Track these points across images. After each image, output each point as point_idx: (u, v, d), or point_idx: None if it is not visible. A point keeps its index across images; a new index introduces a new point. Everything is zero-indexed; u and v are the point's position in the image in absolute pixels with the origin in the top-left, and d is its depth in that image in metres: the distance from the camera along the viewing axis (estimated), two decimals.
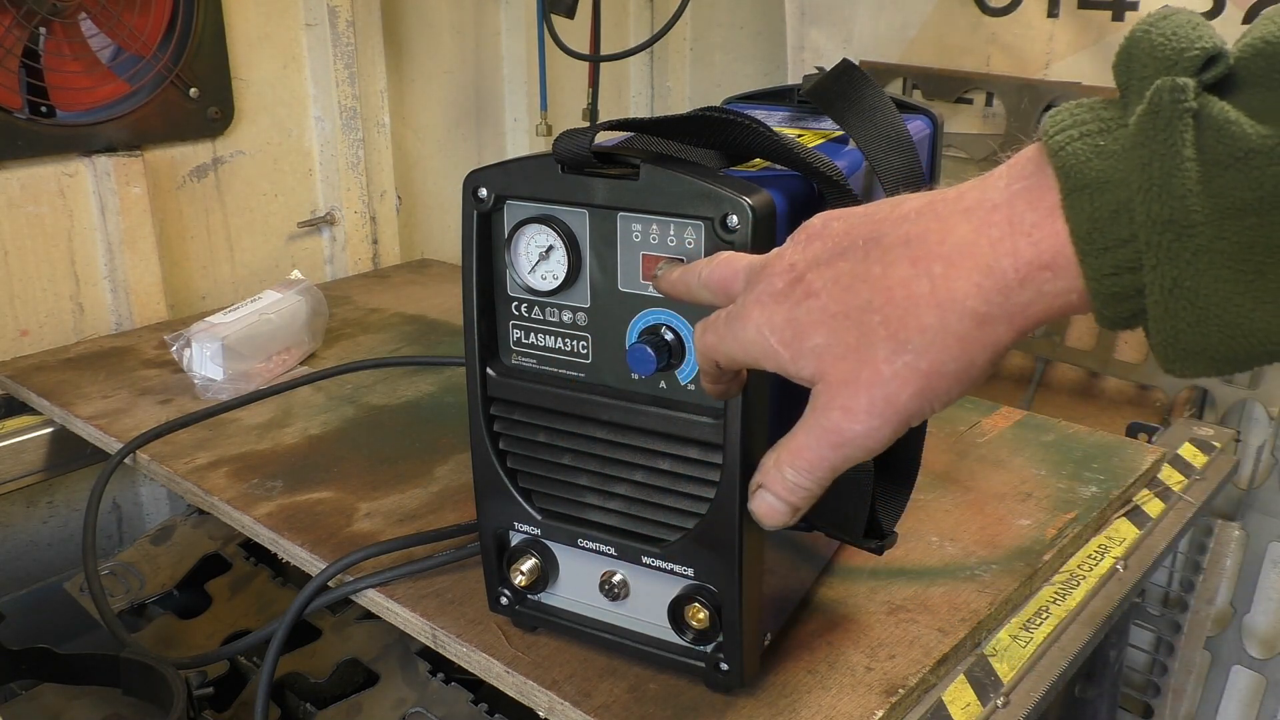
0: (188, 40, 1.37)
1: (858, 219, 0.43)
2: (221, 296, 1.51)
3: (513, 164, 0.61)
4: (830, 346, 0.41)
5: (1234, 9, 1.39)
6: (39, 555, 1.39)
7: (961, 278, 0.37)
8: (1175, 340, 0.34)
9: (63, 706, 0.96)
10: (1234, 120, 0.32)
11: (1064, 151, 0.35)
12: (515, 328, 0.64)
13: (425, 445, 1.02)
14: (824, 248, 0.43)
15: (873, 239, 0.41)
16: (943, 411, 1.10)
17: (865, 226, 0.42)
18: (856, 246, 0.41)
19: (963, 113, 1.66)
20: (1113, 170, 0.34)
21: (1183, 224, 0.32)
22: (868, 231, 0.41)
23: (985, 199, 0.38)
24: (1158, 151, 0.33)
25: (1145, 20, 0.37)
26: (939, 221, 0.38)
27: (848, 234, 0.42)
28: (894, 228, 0.40)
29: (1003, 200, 0.37)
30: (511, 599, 0.70)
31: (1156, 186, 0.33)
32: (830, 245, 0.43)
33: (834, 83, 0.64)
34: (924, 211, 0.40)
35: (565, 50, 1.56)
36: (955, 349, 0.38)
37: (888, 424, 0.41)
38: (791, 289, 0.43)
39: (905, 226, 0.40)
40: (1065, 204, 0.35)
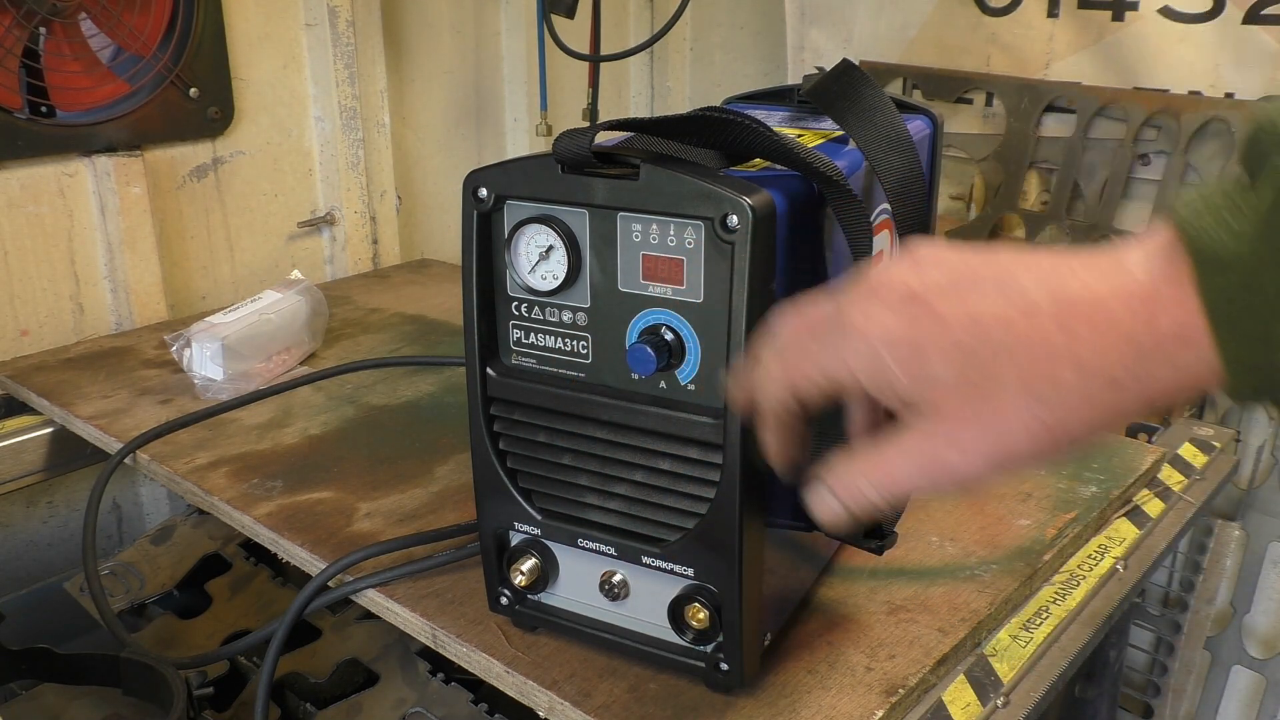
0: (188, 40, 1.37)
1: (976, 256, 0.43)
2: (221, 296, 1.51)
3: (513, 164, 0.61)
4: (953, 379, 0.40)
5: (1234, 9, 1.39)
6: (39, 555, 1.39)
7: (1104, 342, 0.38)
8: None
9: (63, 706, 0.96)
10: None
11: (1196, 230, 0.36)
12: (515, 328, 0.64)
13: (425, 445, 1.02)
14: (944, 276, 0.42)
15: (1008, 282, 0.40)
16: None
17: (990, 267, 0.41)
18: (988, 284, 0.41)
19: (963, 113, 1.66)
20: (1245, 249, 0.35)
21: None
22: (997, 273, 0.41)
23: (1124, 269, 0.38)
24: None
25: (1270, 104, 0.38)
26: (1082, 284, 0.39)
27: (971, 269, 0.42)
28: (1032, 278, 0.40)
29: (1142, 274, 0.38)
30: (511, 599, 0.70)
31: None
32: (952, 275, 0.42)
33: (834, 83, 0.64)
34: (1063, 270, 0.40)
35: (565, 50, 1.56)
36: (1084, 410, 0.38)
37: (994, 467, 0.41)
38: (910, 306, 0.42)
39: (1048, 280, 0.40)
40: (1198, 280, 0.36)
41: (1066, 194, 1.57)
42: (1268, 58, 1.39)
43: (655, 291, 0.59)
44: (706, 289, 0.58)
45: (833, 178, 0.58)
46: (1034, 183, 1.62)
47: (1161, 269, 0.38)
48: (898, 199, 0.63)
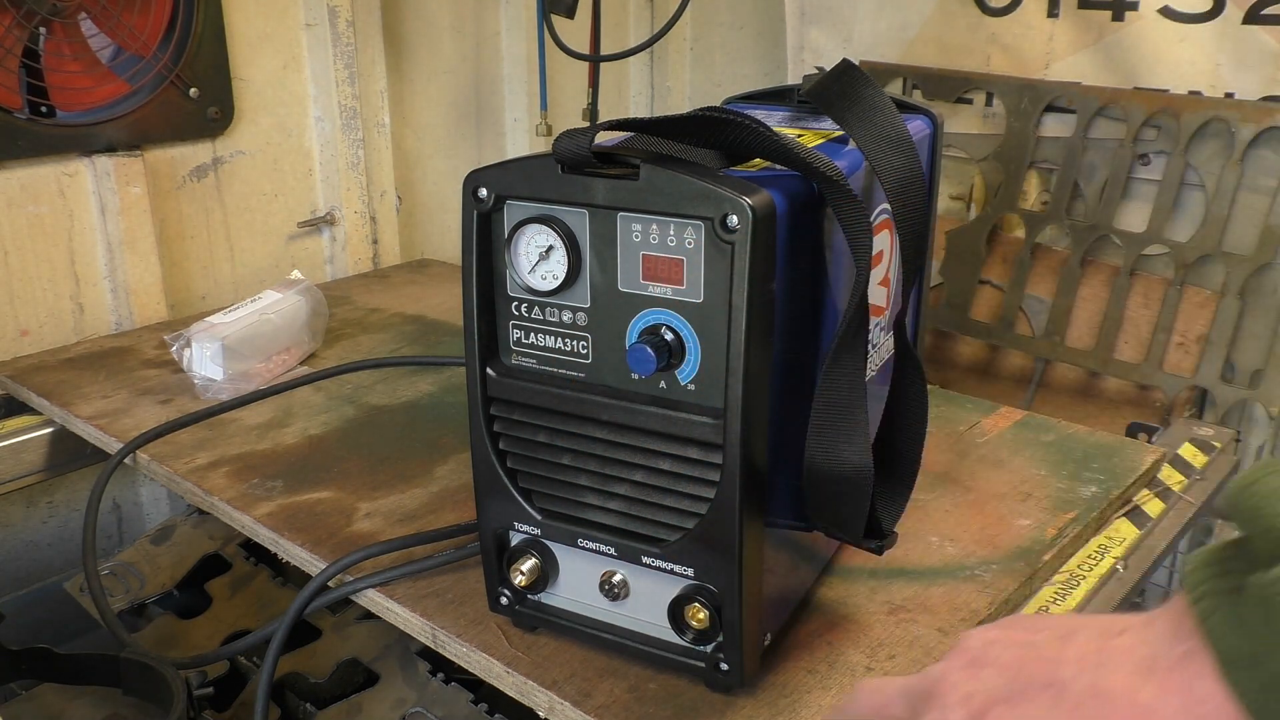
0: (188, 40, 1.37)
1: (1024, 650, 0.44)
2: (221, 296, 1.51)
3: (513, 164, 0.61)
4: None
5: (1234, 9, 1.39)
6: (39, 555, 1.39)
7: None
8: None
9: (63, 706, 0.96)
10: None
11: (1210, 622, 0.38)
12: (515, 328, 0.64)
13: (425, 445, 1.02)
14: (1000, 681, 0.43)
15: (1054, 685, 0.42)
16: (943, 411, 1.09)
17: (1038, 665, 0.43)
18: (1037, 689, 0.42)
19: (963, 113, 1.66)
20: (1260, 643, 0.36)
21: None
22: (1044, 673, 0.42)
23: (1158, 659, 0.39)
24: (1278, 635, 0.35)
25: (1252, 473, 0.40)
26: (1122, 679, 0.40)
27: (1021, 669, 0.43)
28: (1074, 674, 0.41)
29: (1174, 664, 0.39)
30: (511, 599, 0.70)
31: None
32: (1006, 679, 0.43)
33: (834, 83, 0.64)
34: (1101, 661, 0.41)
35: (565, 50, 1.56)
36: None
37: None
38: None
39: (1086, 676, 0.41)
40: (1227, 678, 0.37)
41: (1066, 194, 1.57)
42: (1268, 58, 1.39)
43: (655, 291, 0.59)
44: (706, 289, 0.58)
45: (833, 178, 0.58)
46: (1034, 183, 1.62)
47: (1190, 657, 0.39)
48: (898, 199, 0.63)
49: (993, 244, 1.67)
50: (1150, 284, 1.52)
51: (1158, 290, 1.51)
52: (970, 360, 1.71)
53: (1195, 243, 1.46)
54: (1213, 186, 1.45)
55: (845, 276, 0.66)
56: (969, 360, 1.72)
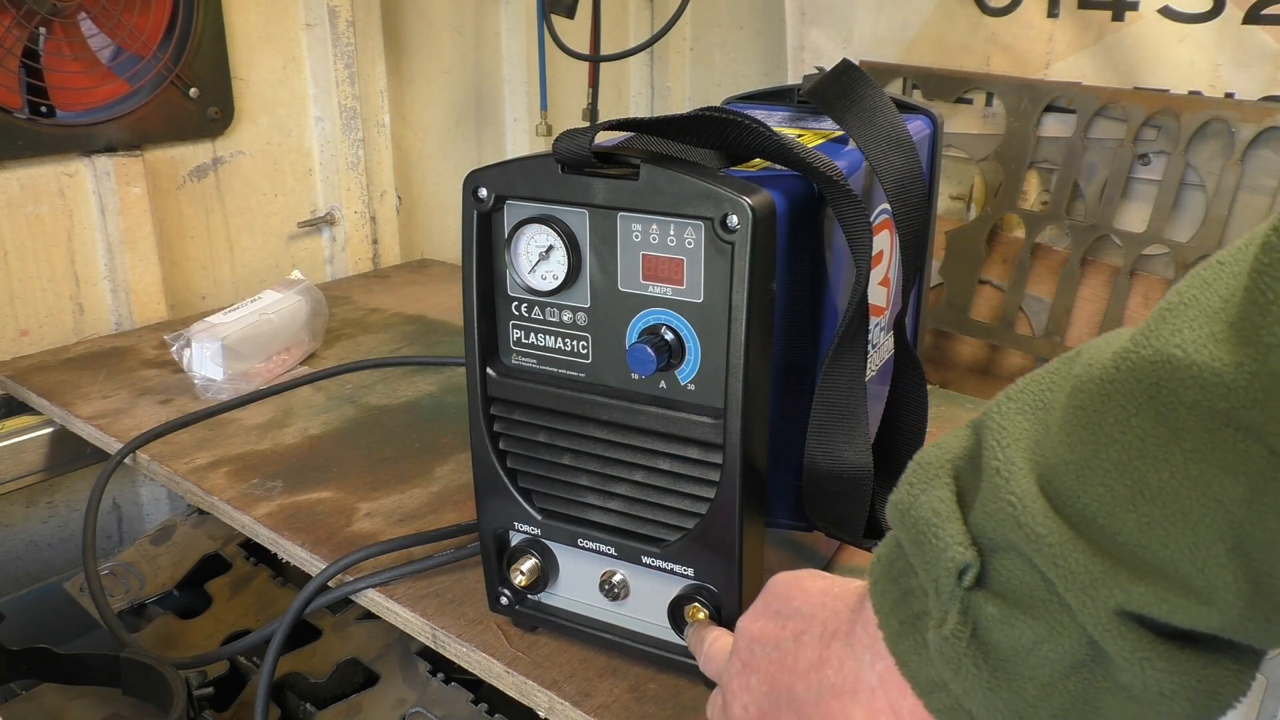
0: (188, 40, 1.37)
1: (774, 655, 0.48)
2: (221, 296, 1.51)
3: (513, 164, 0.61)
4: None
5: (1234, 9, 1.39)
6: (39, 555, 1.39)
7: None
8: None
9: (63, 706, 0.96)
10: (1004, 620, 0.36)
11: (900, 650, 0.40)
12: (515, 328, 0.64)
13: (425, 445, 1.02)
14: (763, 691, 0.48)
15: (795, 701, 0.46)
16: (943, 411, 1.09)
17: (783, 677, 0.47)
18: (784, 704, 0.46)
19: (963, 113, 1.66)
20: (941, 677, 0.38)
21: (1018, 718, 0.36)
22: (786, 685, 0.46)
23: (862, 678, 0.42)
24: (966, 682, 0.37)
25: (905, 490, 0.40)
26: (837, 700, 0.43)
27: (774, 680, 0.47)
28: (806, 690, 0.45)
29: (876, 684, 0.42)
30: (511, 599, 0.70)
31: (983, 704, 0.37)
32: (766, 689, 0.48)
33: (834, 83, 0.64)
34: (822, 680, 0.44)
35: (565, 50, 1.56)
36: None
37: None
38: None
39: (815, 694, 0.44)
40: (925, 704, 0.39)
41: (1066, 194, 1.57)
42: (1268, 58, 1.39)
43: (655, 291, 0.59)
44: (706, 289, 0.58)
45: (833, 178, 0.58)
46: (1034, 183, 1.62)
47: (889, 675, 0.41)
48: (898, 199, 0.63)
49: (993, 244, 1.67)
50: (1150, 284, 1.52)
51: (1158, 290, 1.51)
52: (970, 360, 1.71)
53: (1195, 243, 1.46)
54: (1213, 186, 1.45)
55: (845, 276, 0.66)
56: (969, 360, 1.72)
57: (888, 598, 0.41)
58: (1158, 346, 0.32)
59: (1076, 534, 0.34)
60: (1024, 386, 0.38)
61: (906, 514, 0.40)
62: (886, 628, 0.41)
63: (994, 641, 0.36)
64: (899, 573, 0.41)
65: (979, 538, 0.37)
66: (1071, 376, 0.36)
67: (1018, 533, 0.35)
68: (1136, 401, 0.32)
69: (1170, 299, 0.32)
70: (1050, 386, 0.37)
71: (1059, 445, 0.35)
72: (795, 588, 0.49)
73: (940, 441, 0.41)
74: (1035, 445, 0.36)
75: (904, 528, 0.40)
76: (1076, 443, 0.34)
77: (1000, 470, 0.36)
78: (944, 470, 0.39)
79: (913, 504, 0.40)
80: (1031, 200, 1.62)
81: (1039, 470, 0.35)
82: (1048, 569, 0.34)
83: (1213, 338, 0.31)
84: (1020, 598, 0.36)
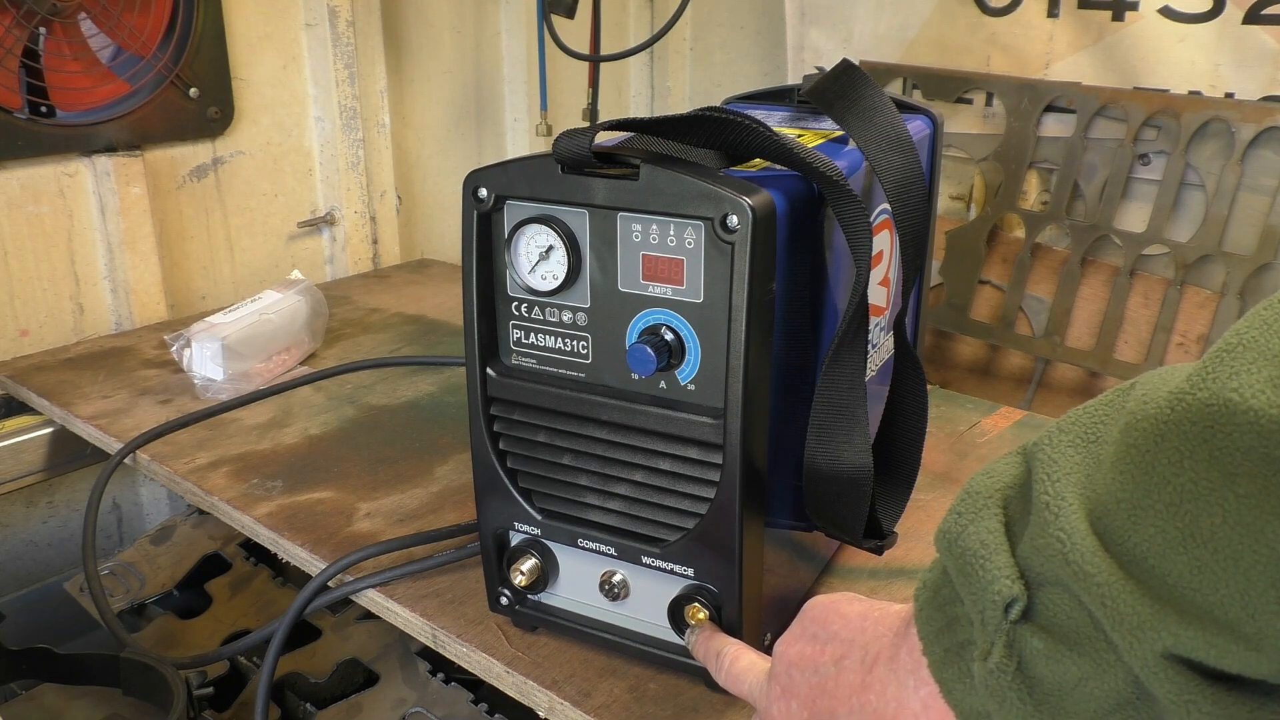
0: (188, 40, 1.37)
1: (814, 679, 0.48)
2: (221, 296, 1.51)
3: (513, 164, 0.61)
4: None
5: (1234, 9, 1.39)
6: (39, 555, 1.39)
7: None
8: None
9: (63, 706, 0.96)
10: (1050, 655, 0.36)
11: (944, 679, 0.40)
12: (515, 328, 0.64)
13: (425, 445, 1.02)
14: (803, 716, 0.49)
15: None
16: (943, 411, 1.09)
17: (823, 702, 0.47)
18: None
19: (963, 113, 1.66)
20: (985, 707, 0.38)
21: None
22: (828, 710, 0.47)
23: (904, 705, 0.43)
24: (1011, 716, 0.37)
25: (953, 521, 0.41)
26: None
27: (815, 705, 0.48)
28: (847, 714, 0.46)
29: (920, 710, 0.42)
30: (511, 599, 0.70)
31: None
32: (807, 715, 0.49)
33: (834, 83, 0.64)
34: (864, 705, 0.45)
35: (565, 50, 1.56)
36: None
37: None
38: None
39: (854, 718, 0.45)
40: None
41: (1066, 194, 1.57)
42: (1268, 58, 1.39)
43: (655, 291, 0.59)
44: (706, 289, 0.58)
45: (833, 178, 0.58)
46: (1034, 183, 1.62)
47: (933, 701, 0.41)
48: (898, 199, 0.63)
49: (993, 244, 1.67)
50: (1150, 284, 1.52)
51: (1158, 290, 1.51)
52: (970, 360, 1.72)
53: (1195, 243, 1.46)
54: (1213, 186, 1.45)
55: (845, 276, 0.66)
56: (969, 360, 1.72)
57: (933, 624, 0.41)
58: (1214, 389, 0.31)
59: (1125, 574, 0.34)
60: (1076, 419, 0.38)
61: (955, 543, 0.40)
62: (931, 654, 0.41)
63: (1039, 676, 0.36)
64: (945, 600, 0.41)
65: (1027, 571, 0.37)
66: (1125, 412, 0.35)
67: (1066, 570, 0.35)
68: (1191, 444, 0.32)
69: (1229, 339, 0.32)
70: (1103, 419, 0.37)
71: (1110, 483, 0.35)
72: (833, 611, 0.49)
73: (990, 469, 0.41)
74: (1086, 481, 0.36)
75: (951, 557, 0.40)
76: (1128, 481, 0.34)
77: (1050, 505, 0.36)
78: (993, 500, 0.40)
79: (961, 533, 0.40)
80: (1031, 200, 1.62)
81: (1089, 506, 0.35)
82: (1095, 608, 0.34)
83: (1271, 382, 0.30)
84: (1067, 634, 0.36)
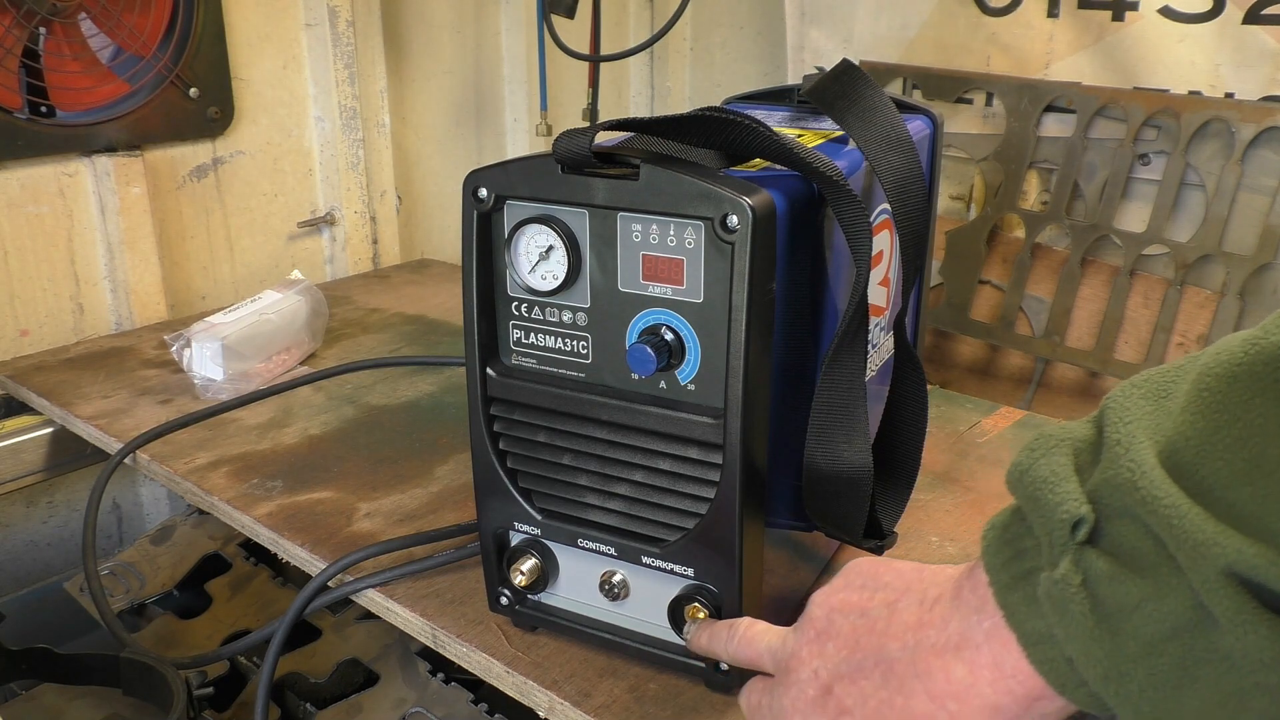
0: (188, 40, 1.37)
1: (859, 621, 0.48)
2: (221, 296, 1.51)
3: (513, 164, 0.61)
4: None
5: (1234, 9, 1.39)
6: (39, 555, 1.39)
7: (975, 714, 0.43)
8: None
9: (63, 706, 0.96)
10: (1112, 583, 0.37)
11: (1008, 604, 0.41)
12: (515, 328, 0.64)
13: (425, 445, 1.02)
14: (841, 656, 0.48)
15: (885, 660, 0.46)
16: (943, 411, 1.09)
17: (870, 640, 0.47)
18: (870, 666, 0.46)
19: (963, 113, 1.66)
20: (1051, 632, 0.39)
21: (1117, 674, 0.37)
22: (875, 649, 0.46)
23: (967, 636, 0.43)
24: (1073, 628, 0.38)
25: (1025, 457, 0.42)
26: (938, 658, 0.44)
27: (858, 643, 0.47)
28: (898, 651, 0.45)
29: (982, 640, 0.43)
30: (511, 599, 0.70)
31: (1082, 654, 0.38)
32: (846, 654, 0.48)
33: (834, 83, 0.64)
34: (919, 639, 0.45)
35: (565, 50, 1.56)
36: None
37: None
38: (824, 700, 0.48)
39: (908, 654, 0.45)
40: (1029, 655, 0.40)
41: (1066, 194, 1.57)
42: (1268, 58, 1.39)
43: (655, 291, 0.59)
44: (706, 289, 0.58)
45: (833, 178, 0.58)
46: (1034, 183, 1.62)
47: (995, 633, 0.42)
48: (898, 199, 0.63)
49: (993, 244, 1.67)
50: (1150, 284, 1.52)
51: (1158, 290, 1.51)
52: (970, 360, 1.72)
53: (1195, 243, 1.46)
54: (1213, 186, 1.45)
55: (845, 276, 0.66)
56: (969, 360, 1.72)
57: (1000, 556, 0.42)
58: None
59: (1193, 500, 0.35)
60: (1148, 376, 0.40)
61: (1025, 474, 0.41)
62: (997, 583, 0.42)
63: (1101, 595, 0.38)
64: (1012, 535, 0.42)
65: (1095, 503, 0.39)
66: (1197, 366, 0.38)
67: (1134, 495, 0.37)
68: (1261, 384, 0.34)
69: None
70: (1174, 378, 0.39)
71: (1181, 424, 0.37)
72: (884, 565, 0.50)
73: (1062, 425, 0.42)
74: (1156, 426, 0.38)
75: (1021, 486, 0.41)
76: (1198, 421, 0.36)
77: (1120, 442, 0.38)
78: (1065, 444, 0.41)
79: (1031, 465, 0.41)
80: (1031, 200, 1.62)
81: (1159, 446, 0.37)
82: (1161, 530, 0.36)
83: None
84: (1131, 558, 0.37)
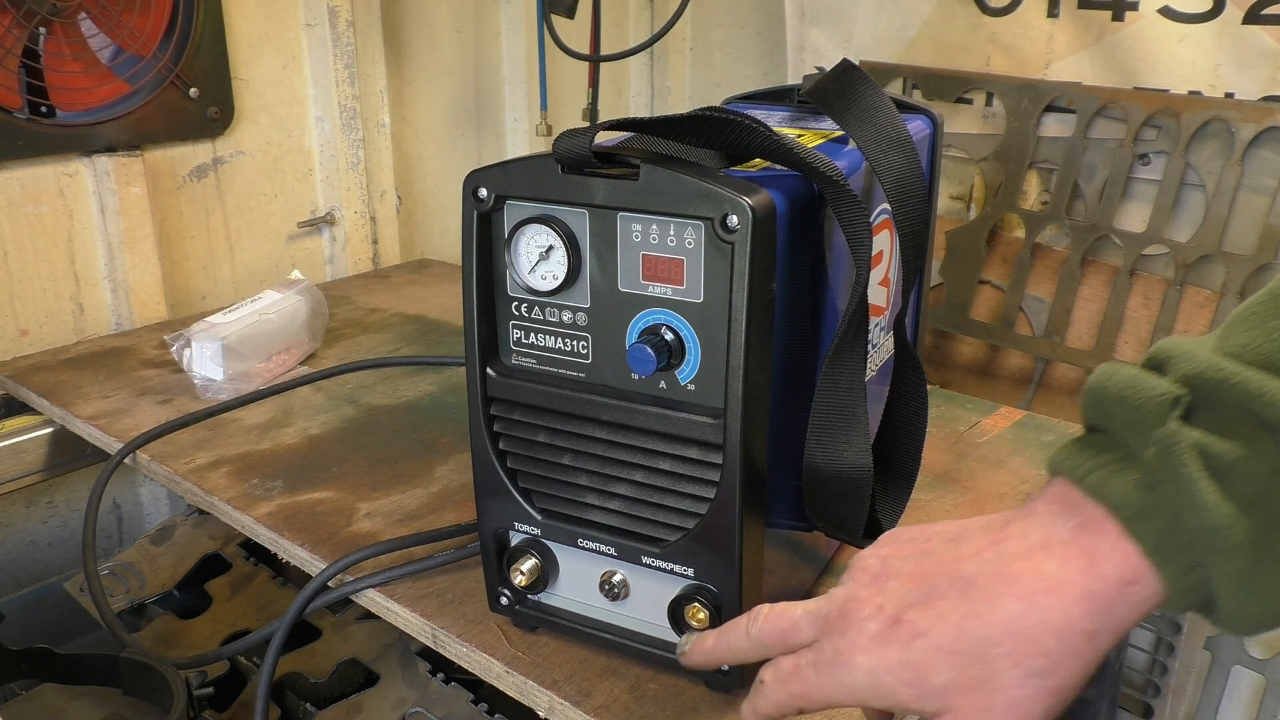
0: (188, 40, 1.37)
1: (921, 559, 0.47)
2: (221, 296, 1.51)
3: (513, 164, 0.61)
4: (957, 681, 0.44)
5: (1234, 9, 1.39)
6: (39, 555, 1.39)
7: (1069, 605, 0.43)
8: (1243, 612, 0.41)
9: (63, 706, 0.96)
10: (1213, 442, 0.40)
11: (1106, 489, 0.43)
12: (515, 328, 0.64)
13: (425, 445, 1.02)
14: (907, 588, 0.46)
15: (961, 579, 0.45)
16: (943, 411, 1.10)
17: (938, 568, 0.46)
18: (946, 586, 0.45)
19: (963, 113, 1.66)
20: (1156, 499, 0.41)
21: (1221, 526, 0.40)
22: (948, 571, 0.46)
23: (1053, 535, 0.44)
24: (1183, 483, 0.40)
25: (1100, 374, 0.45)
26: (1023, 560, 0.44)
27: (925, 574, 0.46)
28: (976, 568, 0.45)
29: (1070, 536, 0.43)
30: (511, 599, 0.70)
31: (1192, 507, 0.40)
32: (912, 585, 0.46)
33: (834, 83, 0.64)
34: (998, 553, 0.45)
35: (565, 50, 1.56)
36: (1075, 664, 0.43)
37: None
38: (893, 630, 0.46)
39: (988, 567, 0.45)
40: (1130, 531, 0.42)
41: (1066, 194, 1.57)
42: (1268, 58, 1.39)
43: (655, 291, 0.59)
44: (706, 289, 0.58)
45: (833, 178, 0.58)
46: (1034, 183, 1.62)
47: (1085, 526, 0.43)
48: (898, 199, 0.63)
49: (993, 244, 1.67)
50: (1150, 284, 1.52)
51: (1158, 290, 1.51)
52: (970, 360, 1.71)
53: (1195, 243, 1.46)
54: (1213, 186, 1.45)
55: (845, 276, 0.66)
56: (969, 360, 1.72)
57: (1083, 462, 0.44)
58: None
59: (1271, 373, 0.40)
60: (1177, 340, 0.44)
61: (1106, 385, 0.44)
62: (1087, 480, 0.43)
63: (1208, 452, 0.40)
64: (1087, 445, 0.44)
65: None
66: (1230, 315, 0.43)
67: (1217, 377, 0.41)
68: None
69: None
70: (1195, 341, 0.44)
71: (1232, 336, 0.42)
72: (929, 524, 0.50)
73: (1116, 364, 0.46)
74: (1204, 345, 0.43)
75: (1104, 394, 0.44)
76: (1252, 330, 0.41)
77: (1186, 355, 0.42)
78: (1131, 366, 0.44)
79: (1110, 376, 0.44)
80: (1031, 200, 1.62)
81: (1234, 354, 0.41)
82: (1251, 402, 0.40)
83: None
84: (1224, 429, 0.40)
